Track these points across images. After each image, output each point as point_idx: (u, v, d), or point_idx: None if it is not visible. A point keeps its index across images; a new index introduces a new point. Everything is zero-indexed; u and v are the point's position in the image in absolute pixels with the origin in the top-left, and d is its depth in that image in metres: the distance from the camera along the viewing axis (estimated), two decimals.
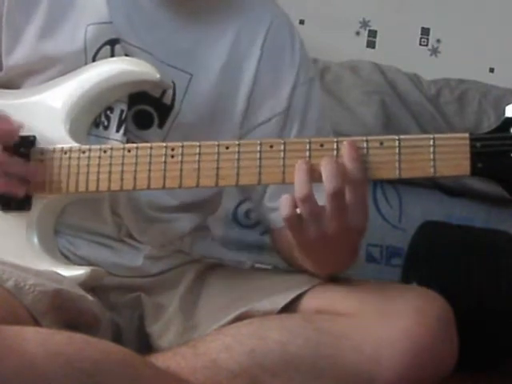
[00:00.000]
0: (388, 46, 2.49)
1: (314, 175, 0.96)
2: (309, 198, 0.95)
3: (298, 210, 0.96)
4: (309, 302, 1.09)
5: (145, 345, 1.15)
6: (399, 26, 2.48)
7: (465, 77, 2.33)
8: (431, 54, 2.51)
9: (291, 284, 1.12)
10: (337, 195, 0.95)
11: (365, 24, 2.49)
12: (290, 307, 1.08)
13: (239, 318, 1.08)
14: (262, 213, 1.24)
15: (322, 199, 0.96)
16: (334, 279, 1.13)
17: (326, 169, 0.95)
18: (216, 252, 1.35)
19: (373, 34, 2.50)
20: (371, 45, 2.50)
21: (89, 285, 1.09)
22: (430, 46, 2.51)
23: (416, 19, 2.49)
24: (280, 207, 0.97)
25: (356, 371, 1.00)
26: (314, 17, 2.43)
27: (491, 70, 2.50)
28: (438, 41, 2.51)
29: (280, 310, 1.08)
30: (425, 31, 2.50)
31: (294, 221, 0.97)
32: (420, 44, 2.51)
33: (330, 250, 1.02)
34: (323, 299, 1.08)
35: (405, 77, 2.26)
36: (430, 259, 1.89)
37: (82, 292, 1.05)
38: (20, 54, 1.17)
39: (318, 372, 1.00)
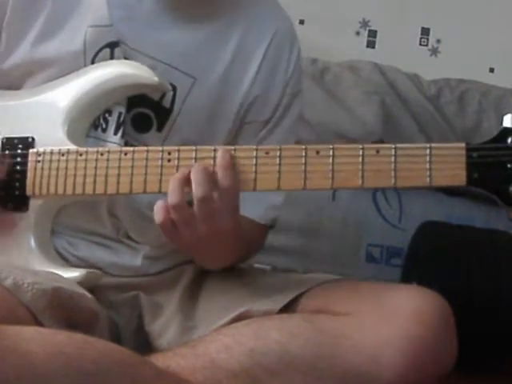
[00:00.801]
0: (388, 46, 2.49)
1: (187, 183, 1.00)
2: (180, 206, 1.00)
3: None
4: (308, 302, 1.09)
5: (144, 344, 1.15)
6: (399, 26, 2.48)
7: (465, 77, 2.33)
8: (431, 54, 2.51)
9: (290, 284, 1.13)
10: (204, 201, 1.00)
11: (365, 24, 2.49)
12: (289, 307, 1.08)
13: (239, 318, 1.08)
14: None
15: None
16: (334, 280, 1.13)
17: (194, 176, 1.00)
18: None
19: (373, 34, 2.50)
20: (371, 45, 2.50)
21: (85, 286, 1.09)
22: (429, 46, 2.51)
23: (416, 19, 2.49)
24: (154, 214, 1.01)
25: (356, 371, 1.00)
26: (314, 17, 2.43)
27: (491, 70, 2.50)
28: (438, 41, 2.51)
29: (279, 310, 1.08)
30: (425, 31, 2.50)
31: (169, 226, 1.01)
32: (420, 44, 2.51)
33: (206, 250, 1.08)
34: (323, 299, 1.08)
35: (405, 77, 2.26)
36: (430, 259, 1.89)
37: (80, 290, 1.05)
38: (26, 50, 1.16)
39: (318, 372, 1.00)
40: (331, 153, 0.99)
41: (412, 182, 0.97)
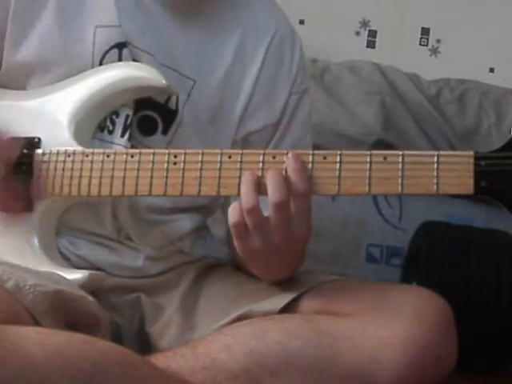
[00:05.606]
0: (388, 45, 2.49)
1: (260, 187, 0.97)
2: (254, 210, 0.96)
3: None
4: (308, 303, 1.09)
5: (145, 345, 1.15)
6: (399, 26, 2.48)
7: (465, 77, 2.33)
8: (431, 54, 2.51)
9: (291, 285, 1.12)
10: (281, 206, 0.96)
11: (365, 24, 2.49)
12: (289, 308, 1.08)
13: (239, 319, 1.08)
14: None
15: (267, 209, 0.97)
16: (334, 280, 1.13)
17: (271, 181, 0.97)
18: (216, 252, 1.34)
19: (373, 34, 2.50)
20: (371, 45, 2.50)
21: (88, 288, 1.08)
22: (429, 46, 2.51)
23: (416, 19, 2.49)
24: (229, 215, 0.99)
25: (356, 372, 1.00)
26: (314, 17, 2.43)
27: (491, 70, 2.50)
28: (438, 41, 2.51)
29: (280, 311, 1.08)
30: (425, 31, 2.50)
31: (242, 229, 0.98)
32: (420, 44, 2.51)
33: (274, 259, 1.03)
34: (323, 300, 1.08)
35: (405, 77, 2.26)
36: (430, 259, 1.89)
37: (82, 293, 1.05)
38: (31, 48, 1.15)
39: (318, 372, 1.00)
40: (338, 159, 0.98)
41: (419, 189, 0.96)
